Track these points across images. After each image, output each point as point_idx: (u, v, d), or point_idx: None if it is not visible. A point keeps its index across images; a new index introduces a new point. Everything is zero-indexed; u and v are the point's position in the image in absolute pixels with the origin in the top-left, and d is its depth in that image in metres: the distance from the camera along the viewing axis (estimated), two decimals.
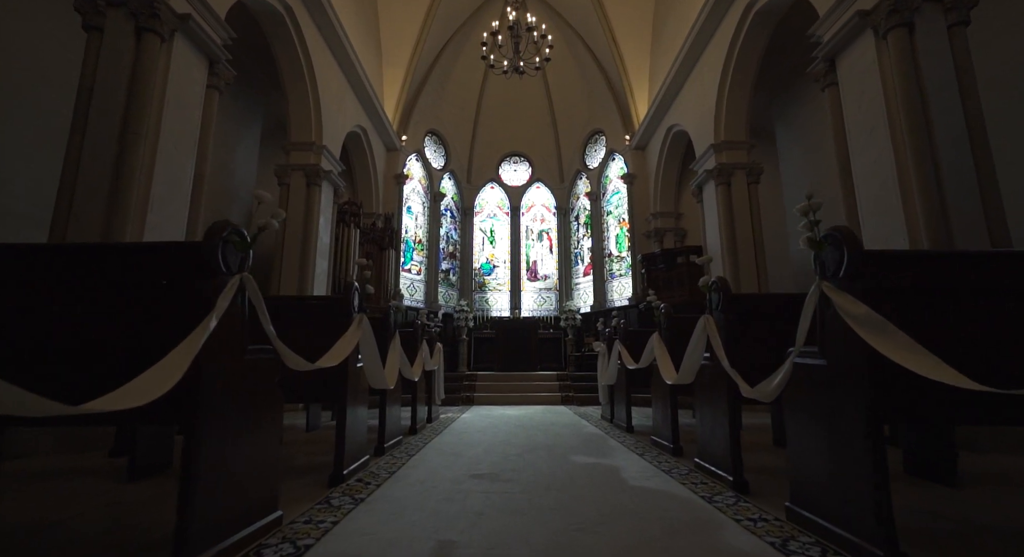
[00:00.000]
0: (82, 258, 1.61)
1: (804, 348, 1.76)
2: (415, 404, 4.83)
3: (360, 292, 2.84)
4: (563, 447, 3.84)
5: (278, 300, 2.79)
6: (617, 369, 5.03)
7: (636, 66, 11.78)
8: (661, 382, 3.64)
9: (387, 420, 3.60)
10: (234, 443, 1.60)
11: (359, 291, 2.82)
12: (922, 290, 1.62)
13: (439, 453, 3.58)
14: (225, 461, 1.55)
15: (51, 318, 1.54)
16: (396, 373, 3.40)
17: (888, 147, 4.32)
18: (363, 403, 3.00)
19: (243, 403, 1.66)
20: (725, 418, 2.49)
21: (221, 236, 1.55)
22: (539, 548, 1.70)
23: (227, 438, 1.56)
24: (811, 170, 8.26)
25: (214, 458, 1.49)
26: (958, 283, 1.67)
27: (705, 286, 2.76)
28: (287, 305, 2.78)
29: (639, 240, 11.73)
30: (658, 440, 3.78)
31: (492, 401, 8.42)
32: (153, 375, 1.19)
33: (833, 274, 1.68)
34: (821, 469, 1.72)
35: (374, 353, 2.82)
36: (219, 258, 1.54)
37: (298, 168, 8.10)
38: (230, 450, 1.58)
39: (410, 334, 4.85)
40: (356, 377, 2.85)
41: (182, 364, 1.23)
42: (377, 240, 10.56)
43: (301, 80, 7.88)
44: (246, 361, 1.69)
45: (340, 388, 2.62)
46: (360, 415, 2.94)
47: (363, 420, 3.00)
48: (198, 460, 1.42)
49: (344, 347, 2.48)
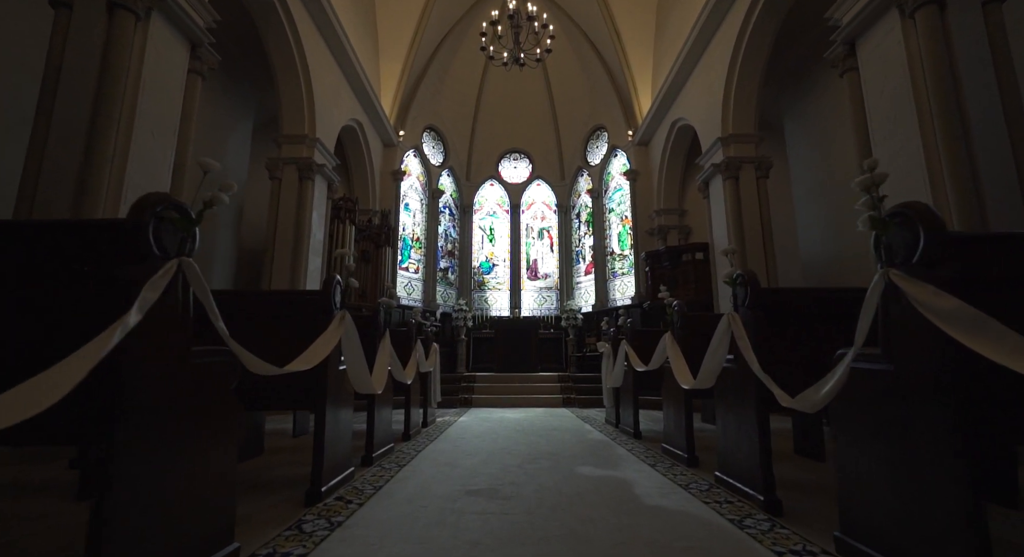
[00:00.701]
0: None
1: (864, 350, 1.46)
2: (409, 407, 4.53)
3: (343, 286, 2.55)
4: (567, 456, 3.54)
5: (247, 295, 2.50)
6: (624, 371, 4.74)
7: (639, 59, 11.49)
8: (674, 386, 3.35)
9: (376, 427, 3.31)
10: (173, 463, 1.31)
11: (341, 285, 2.53)
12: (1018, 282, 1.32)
13: (433, 463, 3.29)
14: (159, 486, 1.26)
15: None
16: (385, 376, 3.11)
17: (915, 135, 4.03)
18: (347, 409, 2.71)
19: (186, 415, 1.37)
20: (753, 429, 2.20)
21: (153, 212, 1.26)
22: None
23: (161, 458, 1.27)
24: (822, 165, 7.97)
25: (142, 483, 1.21)
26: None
27: (729, 280, 2.46)
28: (259, 301, 2.49)
29: (642, 238, 11.44)
30: (670, 448, 3.49)
31: (491, 403, 8.13)
32: (37, 385, 0.90)
33: (904, 260, 1.38)
34: (882, 495, 1.43)
35: (358, 354, 2.52)
36: (149, 238, 1.25)
37: (290, 162, 7.80)
38: (166, 472, 1.29)
39: (404, 334, 4.56)
40: (338, 381, 2.56)
41: (78, 370, 0.95)
42: (373, 237, 10.26)
43: (293, 71, 7.59)
44: (190, 365, 1.40)
45: (318, 394, 2.33)
46: (343, 423, 2.65)
47: (347, 428, 2.71)
48: (120, 486, 1.13)
49: (322, 348, 2.18)
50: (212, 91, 7.85)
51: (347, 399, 2.71)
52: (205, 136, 7.67)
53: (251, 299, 2.46)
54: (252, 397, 2.29)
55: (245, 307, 2.44)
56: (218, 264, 7.97)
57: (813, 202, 8.24)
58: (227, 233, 8.31)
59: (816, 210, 8.17)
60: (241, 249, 8.93)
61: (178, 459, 1.33)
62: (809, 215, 8.40)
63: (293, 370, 1.92)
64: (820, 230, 8.03)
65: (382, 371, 3.13)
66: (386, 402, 3.63)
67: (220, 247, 8.08)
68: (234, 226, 8.57)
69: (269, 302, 2.45)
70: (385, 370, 3.18)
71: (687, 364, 3.17)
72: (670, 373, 3.50)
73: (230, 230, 8.42)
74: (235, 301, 2.46)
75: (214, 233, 7.94)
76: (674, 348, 3.30)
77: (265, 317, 2.44)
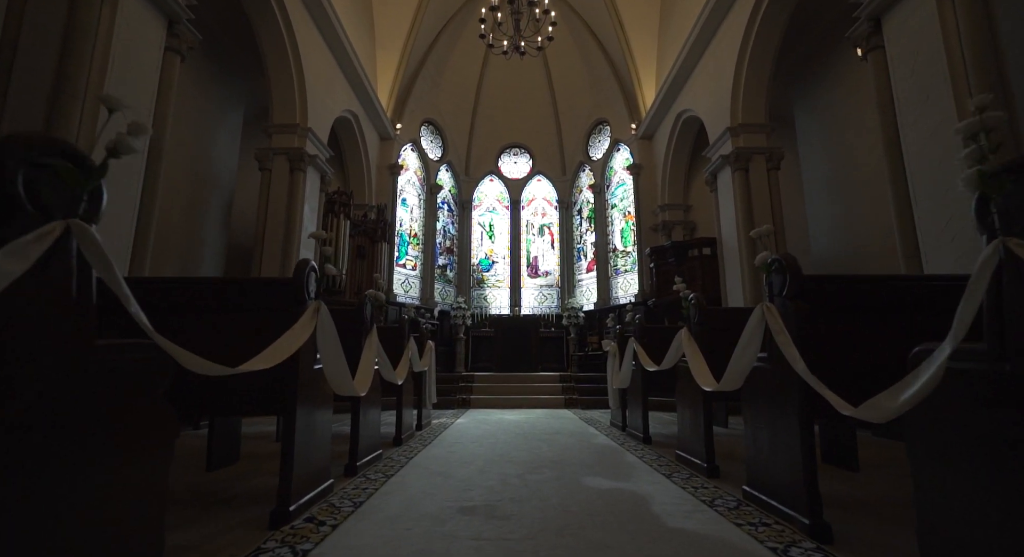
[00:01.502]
0: None
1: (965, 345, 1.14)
2: (401, 409, 4.21)
3: (318, 273, 2.22)
4: (573, 464, 3.22)
5: (200, 284, 2.15)
6: (632, 371, 4.41)
7: (643, 50, 11.16)
8: (691, 387, 3.03)
9: (361, 432, 2.99)
10: (68, 488, 1.00)
11: (316, 271, 2.21)
12: None
13: (424, 472, 2.96)
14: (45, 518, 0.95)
15: None
16: (371, 376, 2.79)
17: (950, 113, 3.70)
18: (324, 414, 2.39)
19: (85, 425, 1.05)
20: (794, 440, 1.87)
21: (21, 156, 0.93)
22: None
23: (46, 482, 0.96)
24: (836, 156, 7.65)
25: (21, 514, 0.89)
26: None
27: (764, 265, 2.14)
28: (216, 290, 2.14)
29: (646, 234, 11.12)
30: (686, 456, 3.17)
31: (490, 404, 7.81)
32: None
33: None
34: (987, 533, 1.11)
35: (336, 351, 2.20)
36: (19, 191, 0.93)
37: (280, 152, 7.48)
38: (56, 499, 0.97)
39: (395, 330, 4.24)
40: (313, 381, 2.24)
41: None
42: (369, 232, 9.93)
43: (283, 57, 7.26)
44: (93, 362, 1.08)
45: (287, 397, 2.00)
46: (320, 430, 2.32)
47: (324, 435, 2.38)
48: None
49: (290, 343, 1.86)
50: (201, 81, 7.53)
51: (325, 402, 2.39)
52: (193, 126, 7.36)
53: (206, 288, 2.13)
54: (204, 402, 1.97)
55: (198, 297, 2.11)
56: (206, 261, 7.65)
57: (825, 196, 7.91)
58: (216, 228, 7.98)
59: (828, 204, 7.84)
60: (231, 245, 8.60)
61: (74, 479, 1.01)
62: (820, 209, 8.08)
63: (250, 369, 1.60)
64: (832, 225, 7.70)
65: (367, 371, 2.81)
66: (373, 404, 3.31)
67: (208, 242, 7.76)
68: (223, 221, 8.24)
69: (228, 291, 2.12)
70: (371, 370, 2.85)
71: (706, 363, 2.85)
72: (685, 373, 3.18)
73: (219, 225, 8.09)
74: (185, 290, 2.12)
75: (202, 228, 7.62)
76: (692, 345, 2.97)
77: (223, 309, 2.11)
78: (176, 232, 6.94)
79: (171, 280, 2.04)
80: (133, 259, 4.17)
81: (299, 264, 2.13)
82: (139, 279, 2.07)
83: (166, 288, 2.07)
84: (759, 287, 7.06)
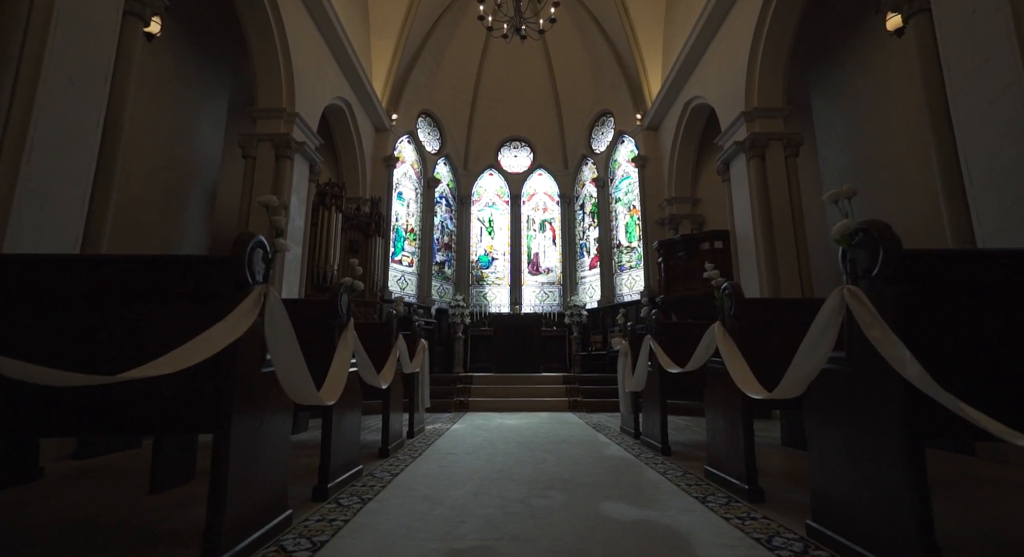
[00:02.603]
0: None
1: None
2: (387, 416, 3.73)
3: (267, 249, 1.74)
4: (586, 484, 2.74)
5: (106, 262, 1.58)
6: (647, 372, 3.94)
7: (648, 36, 10.69)
8: (726, 392, 2.55)
9: (334, 447, 2.51)
10: None
11: (264, 247, 1.73)
12: None
13: (408, 496, 2.48)
14: None
15: None
16: (343, 381, 2.31)
17: (1016, 77, 3.23)
18: (277, 427, 1.91)
19: None
20: (897, 469, 1.39)
21: None
22: None
23: None
24: (858, 142, 7.15)
25: None
26: None
27: (842, 237, 1.66)
28: (127, 269, 1.61)
29: (652, 229, 10.64)
30: (719, 473, 2.69)
31: (489, 407, 7.33)
32: None
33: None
34: None
35: (291, 350, 1.72)
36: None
37: (265, 138, 7.00)
38: None
39: (381, 328, 3.76)
40: (260, 388, 1.76)
41: None
42: (362, 226, 9.46)
43: (268, 36, 6.78)
44: None
45: (220, 409, 1.52)
46: (270, 449, 1.84)
47: (276, 455, 1.90)
48: None
49: (214, 340, 1.39)
50: (182, 64, 7.05)
51: (279, 412, 1.91)
52: (172, 110, 6.88)
53: (98, 268, 1.60)
54: (80, 421, 1.45)
55: (84, 280, 1.59)
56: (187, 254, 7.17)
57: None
58: (198, 220, 7.50)
59: None
60: (215, 239, 8.11)
61: None
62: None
63: (139, 376, 1.12)
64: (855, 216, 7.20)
65: (339, 375, 2.33)
66: (351, 411, 2.83)
67: (189, 235, 7.27)
68: (206, 213, 7.76)
69: (141, 273, 1.61)
70: (344, 373, 2.38)
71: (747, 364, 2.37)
72: (718, 376, 2.70)
73: (201, 217, 7.60)
74: (63, 270, 1.60)
75: (182, 220, 7.13)
76: (728, 343, 2.49)
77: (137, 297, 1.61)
78: (153, 223, 6.46)
79: (57, 259, 1.54)
80: (86, 241, 3.69)
81: (239, 238, 1.64)
82: (6, 258, 1.56)
83: (49, 269, 1.55)
84: (777, 282, 6.58)
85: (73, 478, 2.90)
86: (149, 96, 6.45)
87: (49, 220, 3.34)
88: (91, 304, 1.52)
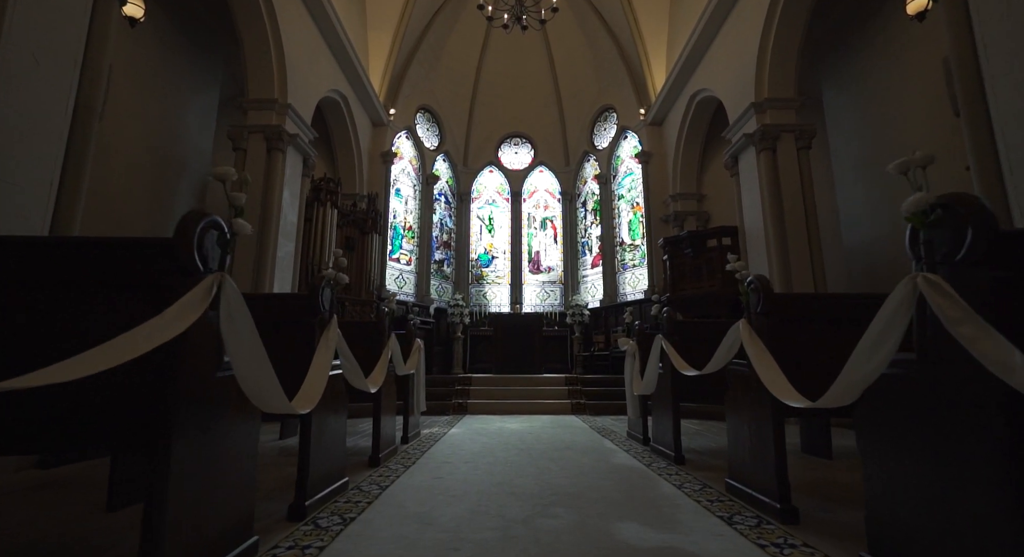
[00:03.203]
0: None
1: None
2: (379, 422, 3.46)
3: (223, 231, 1.47)
4: (595, 499, 2.47)
5: (10, 244, 1.33)
6: (659, 375, 3.66)
7: (653, 28, 10.42)
8: (751, 398, 2.28)
9: (314, 457, 2.24)
10: None
11: (220, 226, 1.45)
12: None
13: (397, 515, 2.21)
14: None
15: None
16: (323, 386, 2.03)
17: None
18: (237, 439, 1.63)
19: None
20: (993, 501, 1.12)
21: None
22: None
23: None
24: (873, 135, 6.87)
25: None
26: None
27: (915, 215, 1.39)
28: (40, 253, 1.35)
29: (656, 226, 10.38)
30: (744, 488, 2.41)
31: (489, 409, 7.05)
32: None
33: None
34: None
35: (254, 352, 1.45)
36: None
37: (256, 130, 6.74)
38: None
39: (371, 327, 3.49)
40: (221, 396, 1.49)
41: None
42: (359, 223, 9.19)
43: (259, 24, 6.52)
44: None
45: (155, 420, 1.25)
46: (228, 465, 1.57)
47: (239, 471, 1.63)
48: None
49: (143, 339, 1.11)
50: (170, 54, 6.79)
51: (242, 422, 1.64)
52: (159, 101, 6.61)
53: (8, 251, 1.32)
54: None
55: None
56: None
57: (860, 181, 7.12)
58: None
59: (863, 189, 7.05)
60: None
61: None
62: (853, 196, 7.29)
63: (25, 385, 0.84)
64: (870, 211, 6.91)
65: (318, 378, 2.06)
66: (334, 416, 2.56)
67: None
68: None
69: (56, 257, 1.32)
70: (324, 376, 2.10)
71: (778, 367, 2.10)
72: (743, 379, 2.43)
73: None
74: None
75: (172, 217, 6.86)
76: (756, 344, 2.22)
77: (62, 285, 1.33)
78: (138, 216, 6.19)
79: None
80: (54, 229, 3.42)
81: (188, 215, 1.37)
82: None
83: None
84: (789, 280, 6.30)
85: (31, 491, 2.63)
86: (135, 85, 6.19)
87: (11, 205, 3.07)
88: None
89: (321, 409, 2.28)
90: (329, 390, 2.36)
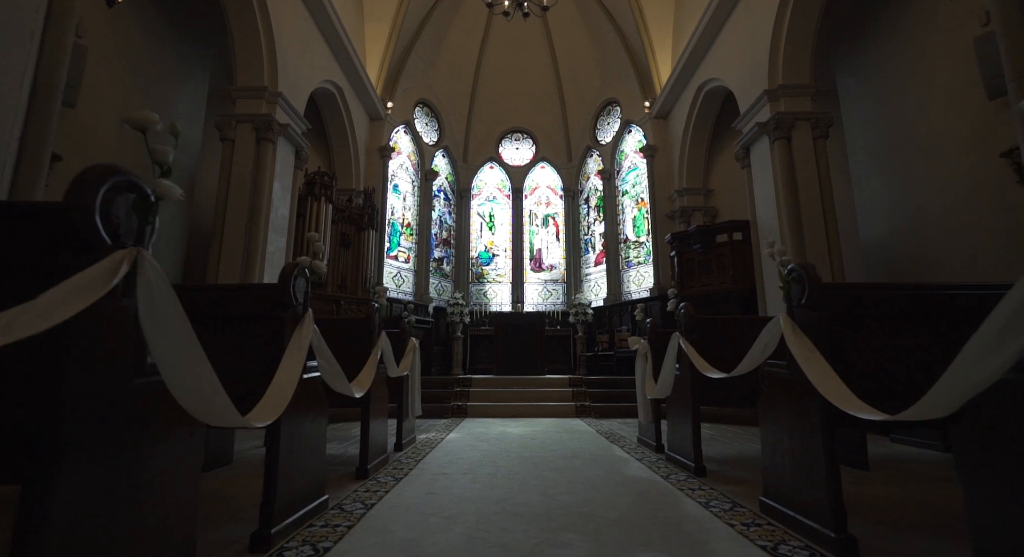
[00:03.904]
0: None
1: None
2: (368, 428, 3.13)
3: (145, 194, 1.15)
4: (611, 520, 2.14)
5: None
6: (675, 376, 3.33)
7: (658, 18, 10.09)
8: (796, 406, 1.95)
9: (284, 474, 1.91)
10: None
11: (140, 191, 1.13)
12: None
13: (380, 543, 1.88)
14: None
15: None
16: (291, 391, 1.71)
17: None
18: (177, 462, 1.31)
19: None
20: None
21: None
22: None
23: None
24: (892, 124, 6.52)
25: None
26: None
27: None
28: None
29: (661, 222, 10.04)
30: (782, 509, 2.08)
31: (490, 412, 6.73)
32: None
33: None
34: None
35: (185, 351, 1.13)
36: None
37: (245, 119, 6.42)
38: None
39: (359, 325, 3.17)
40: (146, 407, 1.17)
41: None
42: (355, 219, 8.86)
43: (248, 8, 6.20)
44: None
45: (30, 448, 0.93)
46: (163, 494, 1.25)
47: (178, 504, 1.30)
48: None
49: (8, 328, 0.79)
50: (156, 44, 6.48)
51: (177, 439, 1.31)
52: (143, 91, 6.30)
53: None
54: None
55: None
56: (161, 246, 6.59)
57: (878, 172, 6.77)
58: (174, 209, 6.91)
59: (883, 182, 6.69)
60: (193, 232, 7.54)
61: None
62: (871, 189, 6.94)
63: None
64: (890, 204, 6.54)
65: (286, 383, 1.74)
66: (312, 424, 2.23)
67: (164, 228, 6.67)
68: (183, 203, 7.17)
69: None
70: (293, 381, 1.78)
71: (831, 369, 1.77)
72: (779, 383, 2.10)
73: (177, 207, 7.02)
74: None
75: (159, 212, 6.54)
76: (803, 341, 1.89)
77: None
78: None
79: None
80: None
81: (85, 173, 1.04)
82: None
83: None
84: None
85: None
86: (115, 72, 5.88)
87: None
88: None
89: (293, 417, 1.95)
90: (303, 395, 2.04)
